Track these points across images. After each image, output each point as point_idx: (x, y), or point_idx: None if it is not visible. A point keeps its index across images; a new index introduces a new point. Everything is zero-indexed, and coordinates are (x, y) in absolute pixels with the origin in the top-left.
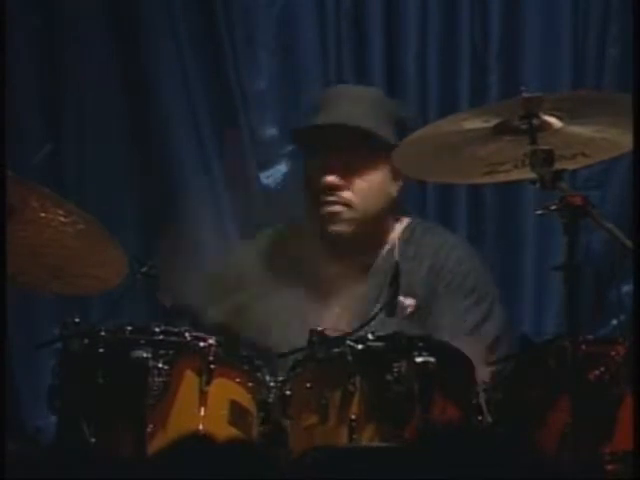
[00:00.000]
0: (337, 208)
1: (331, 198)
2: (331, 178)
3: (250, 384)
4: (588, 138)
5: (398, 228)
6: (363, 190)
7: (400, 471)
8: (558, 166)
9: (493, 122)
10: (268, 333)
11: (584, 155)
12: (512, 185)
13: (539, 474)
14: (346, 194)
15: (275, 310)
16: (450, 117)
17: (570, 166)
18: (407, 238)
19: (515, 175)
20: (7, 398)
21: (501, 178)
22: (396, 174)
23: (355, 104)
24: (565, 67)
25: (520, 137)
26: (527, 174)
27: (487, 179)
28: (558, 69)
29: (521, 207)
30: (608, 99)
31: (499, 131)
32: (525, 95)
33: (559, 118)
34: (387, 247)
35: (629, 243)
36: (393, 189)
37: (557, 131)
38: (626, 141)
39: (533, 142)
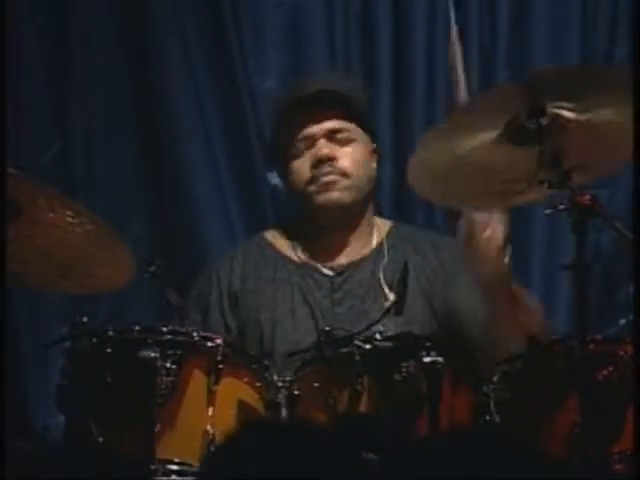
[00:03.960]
0: (334, 177)
1: (327, 169)
2: (324, 150)
3: (258, 384)
4: (599, 126)
5: (384, 224)
6: (353, 159)
7: (408, 471)
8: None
9: (502, 121)
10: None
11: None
12: None
13: (547, 474)
14: (340, 163)
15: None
16: (458, 113)
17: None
18: (396, 235)
19: (530, 196)
20: (15, 397)
21: (516, 201)
22: (372, 155)
23: (337, 80)
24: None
25: (530, 143)
26: (541, 194)
27: (502, 203)
28: None
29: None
30: (611, 76)
31: (509, 136)
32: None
33: (569, 110)
34: (377, 238)
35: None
36: (373, 164)
37: (568, 123)
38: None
39: (541, 142)
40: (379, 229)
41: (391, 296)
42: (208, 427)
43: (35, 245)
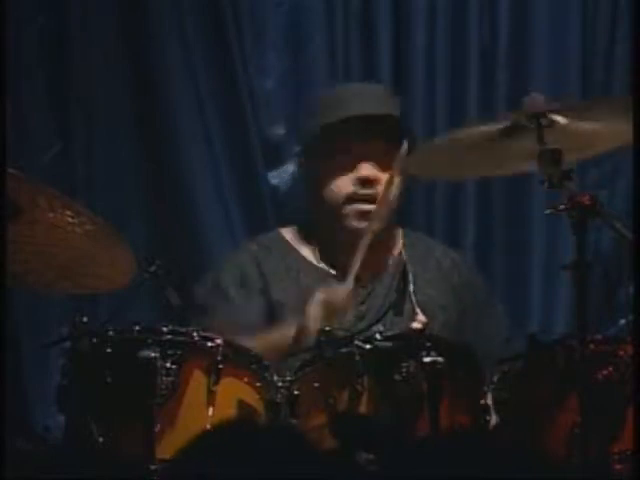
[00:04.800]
0: (371, 207)
1: (366, 191)
2: (367, 172)
3: (258, 384)
4: (593, 131)
5: (397, 232)
6: (392, 184)
7: (407, 471)
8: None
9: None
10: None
11: (590, 146)
12: (521, 184)
13: (547, 474)
14: (380, 187)
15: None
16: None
17: (576, 157)
18: (409, 244)
19: (526, 166)
20: (15, 397)
21: (512, 170)
22: (403, 169)
23: (373, 98)
24: (574, 65)
25: (528, 134)
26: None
27: (498, 171)
28: (567, 67)
29: (530, 206)
30: (613, 102)
31: (507, 132)
32: (530, 104)
33: (566, 117)
34: (395, 250)
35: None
36: (402, 184)
37: (563, 127)
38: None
39: (541, 141)
40: (394, 239)
41: (422, 317)
42: (208, 427)
43: (35, 245)
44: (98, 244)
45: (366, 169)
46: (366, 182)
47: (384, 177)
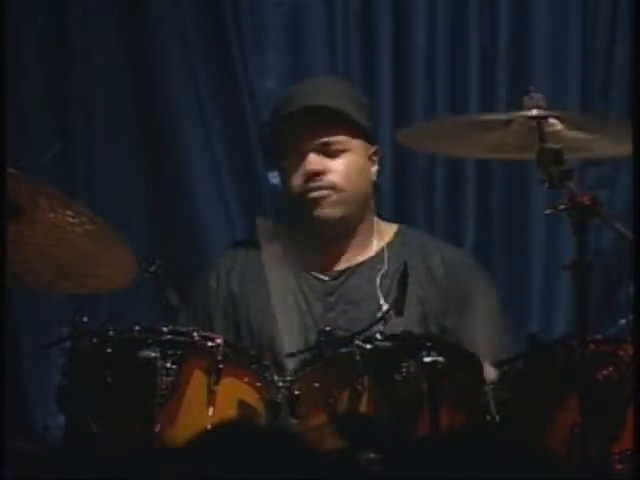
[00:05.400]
0: (323, 192)
1: (315, 184)
2: (312, 165)
3: (258, 384)
4: (590, 139)
5: (389, 229)
6: (344, 172)
7: (408, 471)
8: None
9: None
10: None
11: (587, 150)
12: (521, 184)
13: (547, 474)
14: (329, 177)
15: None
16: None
17: (573, 156)
18: (400, 241)
19: (520, 155)
20: (15, 397)
21: (505, 156)
22: (372, 159)
23: (326, 91)
24: (574, 65)
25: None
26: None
27: (492, 155)
28: (567, 67)
29: (530, 206)
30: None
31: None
32: (533, 113)
33: (564, 123)
34: (378, 244)
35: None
36: (372, 172)
37: (559, 132)
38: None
39: (541, 140)
40: (381, 235)
41: (385, 306)
42: (208, 427)
43: (35, 245)
44: (98, 244)
45: (311, 163)
46: (313, 175)
47: (334, 165)
